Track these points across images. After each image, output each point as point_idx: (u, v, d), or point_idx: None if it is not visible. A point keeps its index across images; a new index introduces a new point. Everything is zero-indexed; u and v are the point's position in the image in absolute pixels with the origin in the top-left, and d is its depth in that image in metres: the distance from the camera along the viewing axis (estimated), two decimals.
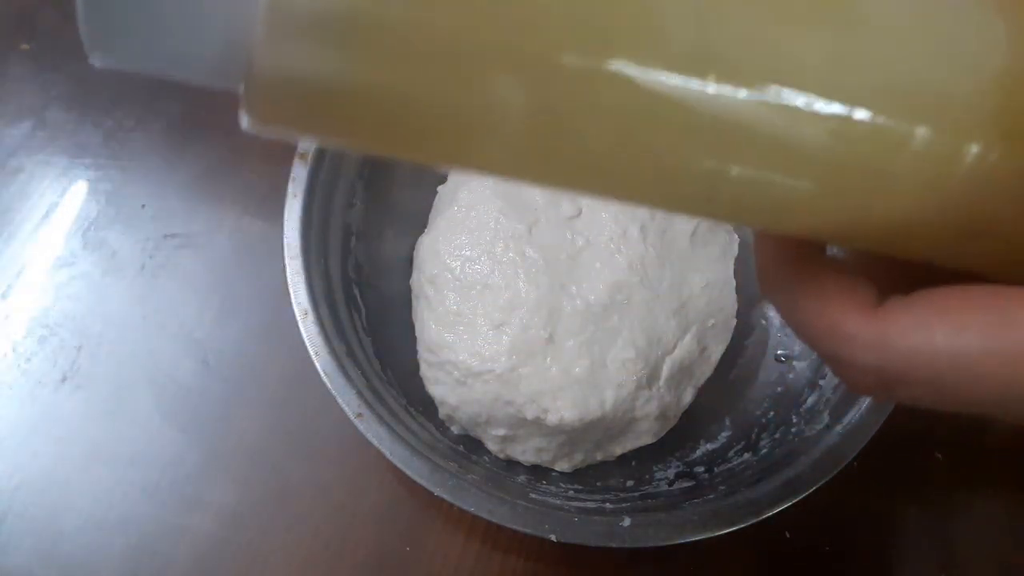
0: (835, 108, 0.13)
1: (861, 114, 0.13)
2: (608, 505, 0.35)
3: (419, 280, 0.41)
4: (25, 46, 0.54)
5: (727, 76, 0.13)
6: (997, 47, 0.13)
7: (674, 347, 0.39)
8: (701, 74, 0.13)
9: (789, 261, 0.17)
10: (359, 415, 0.34)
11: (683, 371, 0.39)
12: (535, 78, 0.12)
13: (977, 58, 0.13)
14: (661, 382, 0.38)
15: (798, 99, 0.13)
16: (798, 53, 0.13)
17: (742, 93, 0.13)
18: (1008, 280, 0.15)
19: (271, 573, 0.39)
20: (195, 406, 0.43)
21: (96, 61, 0.13)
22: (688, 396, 0.40)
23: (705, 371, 0.41)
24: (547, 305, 0.37)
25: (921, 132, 0.13)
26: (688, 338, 0.39)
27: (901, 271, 0.17)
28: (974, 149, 0.13)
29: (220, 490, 0.40)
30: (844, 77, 0.13)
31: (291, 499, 0.40)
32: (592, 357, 0.37)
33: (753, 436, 0.39)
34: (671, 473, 0.39)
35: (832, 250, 0.18)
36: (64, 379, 0.43)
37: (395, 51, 0.12)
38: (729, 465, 0.38)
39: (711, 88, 0.13)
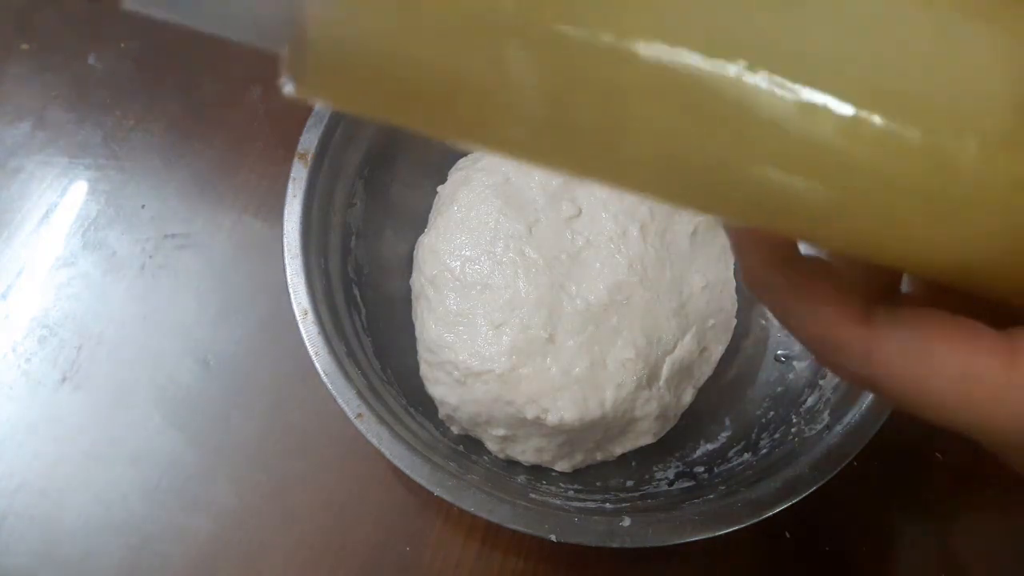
0: (862, 111, 0.13)
1: (884, 120, 0.13)
2: (608, 505, 0.35)
3: (419, 280, 0.41)
4: (25, 46, 0.54)
5: (754, 64, 0.12)
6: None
7: (674, 347, 0.39)
8: (724, 58, 0.12)
9: (779, 263, 0.17)
10: (359, 415, 0.34)
11: (683, 371, 0.39)
12: (546, 54, 0.12)
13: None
14: (661, 382, 0.38)
15: (826, 99, 0.13)
16: (837, 52, 0.13)
17: (767, 83, 0.12)
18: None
19: (271, 573, 0.39)
20: (195, 406, 0.43)
21: (131, 4, 0.13)
22: (688, 396, 0.40)
23: (705, 371, 0.41)
24: (547, 305, 0.37)
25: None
26: (688, 338, 0.39)
27: (877, 276, 0.18)
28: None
29: (220, 490, 0.40)
30: (883, 80, 0.13)
31: (291, 499, 0.40)
32: (592, 357, 0.37)
33: (753, 436, 0.39)
34: (671, 473, 0.39)
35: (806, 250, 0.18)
36: (64, 379, 0.43)
37: (435, 19, 0.12)
38: (729, 465, 0.38)
39: (731, 73, 0.12)
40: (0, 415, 0.42)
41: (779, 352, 0.43)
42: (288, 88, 0.13)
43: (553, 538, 0.32)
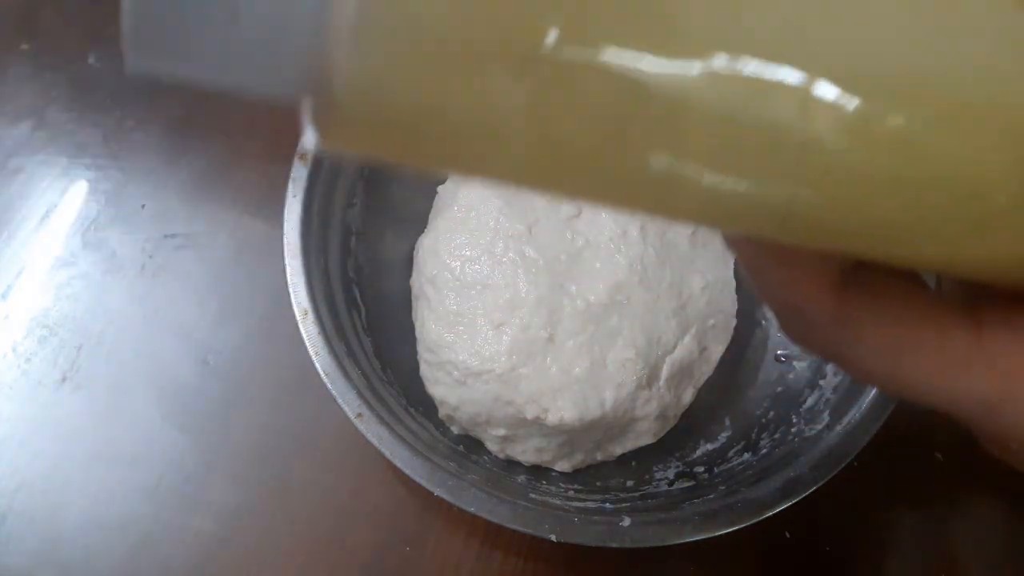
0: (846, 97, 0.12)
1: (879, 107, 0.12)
2: (608, 505, 0.35)
3: (419, 280, 0.41)
4: (25, 46, 0.54)
5: (738, 67, 0.12)
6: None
7: (674, 347, 0.39)
8: (703, 63, 0.12)
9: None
10: (359, 415, 0.34)
11: (683, 371, 0.39)
12: (528, 77, 0.12)
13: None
14: (661, 382, 0.38)
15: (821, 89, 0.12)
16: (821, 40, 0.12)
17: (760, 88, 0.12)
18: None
19: (271, 573, 0.39)
20: (195, 406, 0.43)
21: (135, 65, 0.12)
22: (688, 396, 0.40)
23: (705, 371, 0.41)
24: (547, 305, 0.37)
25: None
26: (688, 338, 0.39)
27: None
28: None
29: (220, 490, 0.40)
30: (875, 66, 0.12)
31: (291, 499, 0.40)
32: (592, 357, 0.37)
33: (753, 436, 0.39)
34: (671, 473, 0.39)
35: None
36: (64, 379, 0.43)
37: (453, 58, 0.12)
38: (729, 465, 0.38)
39: (714, 79, 0.12)
40: (0, 415, 0.42)
41: (779, 352, 0.43)
42: (311, 141, 0.13)
43: (553, 538, 0.32)
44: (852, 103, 0.12)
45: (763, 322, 0.44)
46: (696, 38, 0.12)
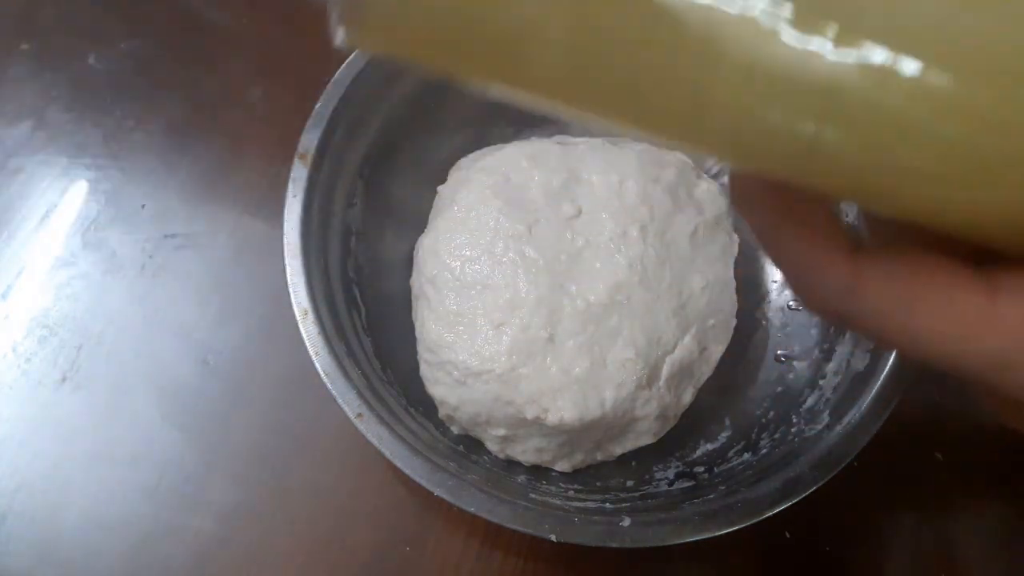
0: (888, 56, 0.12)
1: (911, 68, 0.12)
2: (608, 505, 0.35)
3: (419, 280, 0.41)
4: (25, 46, 0.54)
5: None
6: None
7: (674, 347, 0.38)
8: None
9: (774, 184, 0.16)
10: (359, 415, 0.34)
11: (683, 371, 0.39)
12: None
13: None
14: (661, 382, 0.38)
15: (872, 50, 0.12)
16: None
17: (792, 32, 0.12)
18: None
19: (271, 573, 0.39)
20: (195, 406, 0.43)
21: None
22: (688, 396, 0.40)
23: (705, 371, 0.41)
24: (547, 305, 0.37)
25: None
26: (688, 338, 0.39)
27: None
28: None
29: (220, 490, 0.40)
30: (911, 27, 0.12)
31: (291, 499, 0.40)
32: (592, 357, 0.37)
33: (753, 436, 0.39)
34: (671, 473, 0.39)
35: None
36: (64, 379, 0.43)
37: None
38: (729, 465, 0.38)
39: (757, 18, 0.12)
40: (0, 415, 0.42)
41: (779, 352, 0.43)
42: (340, 36, 0.13)
43: (553, 538, 0.32)
44: (881, 53, 0.12)
45: (763, 322, 0.44)
46: None
